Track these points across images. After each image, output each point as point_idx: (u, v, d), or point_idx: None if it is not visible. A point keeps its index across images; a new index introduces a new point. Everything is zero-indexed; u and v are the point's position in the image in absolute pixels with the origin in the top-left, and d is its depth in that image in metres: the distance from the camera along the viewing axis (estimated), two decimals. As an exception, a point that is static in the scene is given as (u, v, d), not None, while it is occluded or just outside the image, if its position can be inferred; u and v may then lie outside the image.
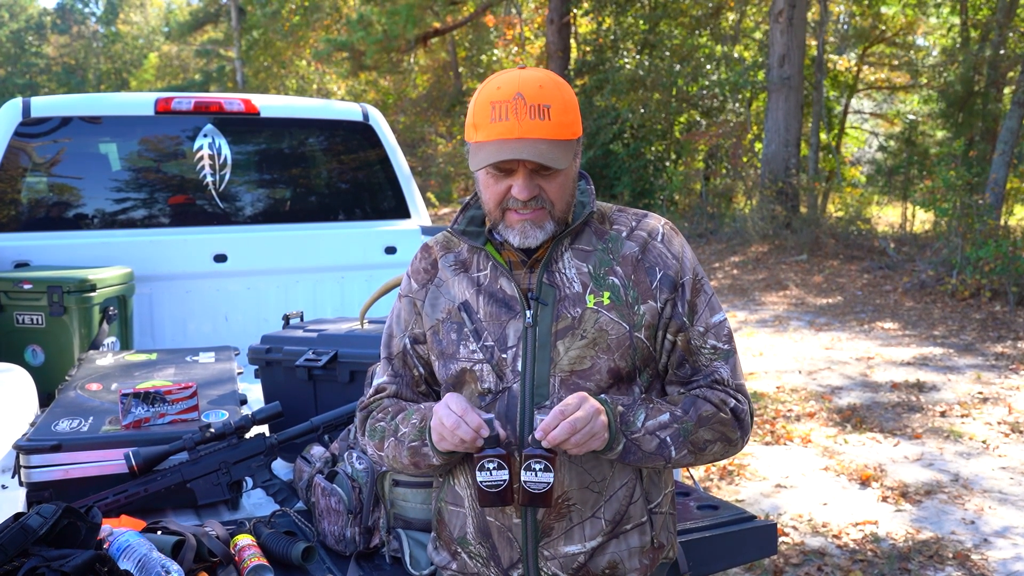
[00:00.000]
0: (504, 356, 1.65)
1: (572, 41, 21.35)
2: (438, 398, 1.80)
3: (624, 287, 1.66)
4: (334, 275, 4.46)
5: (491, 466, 1.54)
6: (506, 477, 1.54)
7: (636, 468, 1.67)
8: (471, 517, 1.70)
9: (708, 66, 19.17)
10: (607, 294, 1.65)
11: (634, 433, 1.59)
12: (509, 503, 1.57)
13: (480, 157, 1.59)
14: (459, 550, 1.74)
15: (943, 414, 6.38)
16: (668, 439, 1.60)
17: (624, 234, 1.72)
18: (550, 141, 1.57)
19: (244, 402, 2.70)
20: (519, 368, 1.64)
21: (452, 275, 1.75)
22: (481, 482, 1.54)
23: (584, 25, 22.09)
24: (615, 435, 1.57)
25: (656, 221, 1.75)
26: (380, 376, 1.84)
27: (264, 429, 2.55)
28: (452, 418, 1.54)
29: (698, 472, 5.19)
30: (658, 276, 1.68)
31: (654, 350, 1.68)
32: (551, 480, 1.52)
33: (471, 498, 1.70)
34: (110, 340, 3.65)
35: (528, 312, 1.65)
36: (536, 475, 1.52)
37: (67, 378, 2.99)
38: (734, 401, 1.68)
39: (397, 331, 1.81)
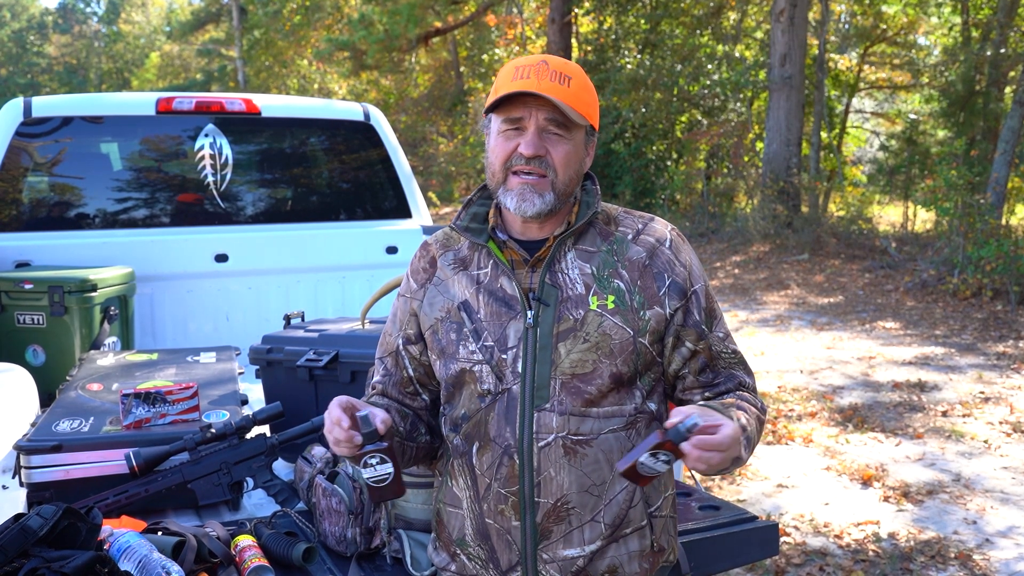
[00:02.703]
0: (504, 357, 1.64)
1: (573, 41, 21.34)
2: (432, 400, 1.80)
3: (629, 292, 1.65)
4: (335, 275, 4.46)
5: (374, 462, 1.53)
6: (390, 470, 1.54)
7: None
8: (469, 519, 1.70)
9: (709, 66, 19.16)
10: (611, 298, 1.64)
11: (745, 449, 1.55)
12: (401, 494, 1.57)
13: (493, 102, 1.62)
14: (458, 551, 1.73)
15: (945, 414, 6.37)
16: (745, 442, 1.58)
17: (630, 236, 1.71)
18: (565, 104, 1.60)
19: (245, 402, 2.69)
20: (519, 369, 1.63)
21: (451, 273, 1.73)
22: (368, 479, 1.54)
23: (585, 25, 22.07)
24: (739, 464, 1.53)
25: (663, 227, 1.74)
26: (375, 376, 1.86)
27: (265, 429, 2.55)
28: (327, 423, 1.54)
29: (699, 472, 5.18)
30: (667, 283, 1.67)
31: (659, 356, 1.68)
32: (663, 471, 1.45)
33: (470, 499, 1.69)
34: (111, 340, 3.65)
35: (529, 312, 1.64)
36: (656, 463, 1.43)
37: (68, 378, 2.99)
38: (760, 403, 1.71)
39: (392, 330, 1.82)
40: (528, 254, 1.69)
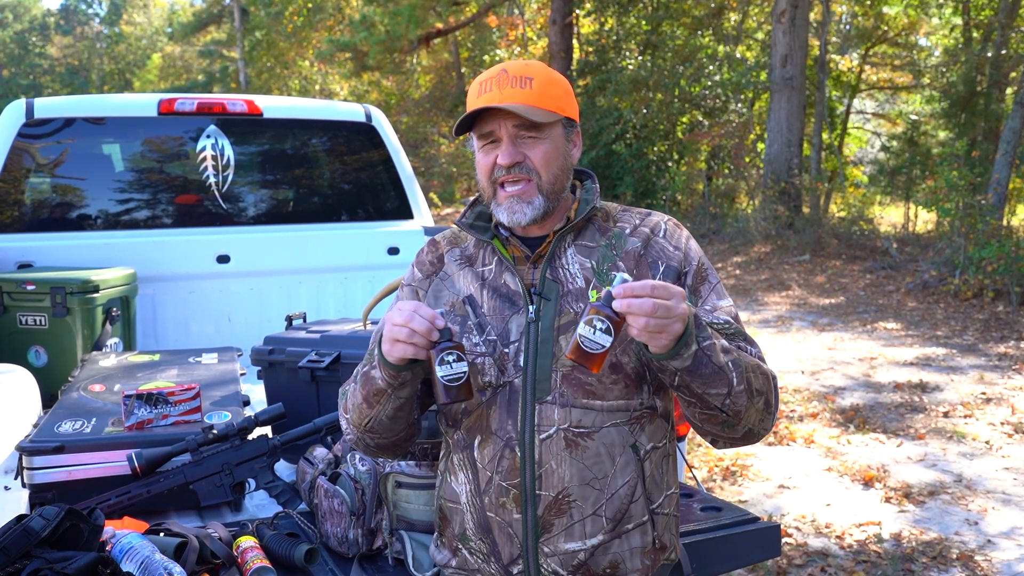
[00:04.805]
0: (506, 351, 1.66)
1: (575, 42, 21.35)
2: (428, 391, 1.79)
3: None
4: (337, 276, 4.46)
5: (450, 359, 1.53)
6: (465, 369, 1.54)
7: (638, 467, 1.66)
8: (470, 513, 1.71)
9: (710, 67, 19.16)
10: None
11: (706, 340, 1.50)
12: (470, 397, 1.57)
13: (462, 123, 1.66)
14: (460, 546, 1.74)
15: (946, 415, 6.37)
16: (731, 364, 1.54)
17: (628, 231, 1.74)
18: (530, 106, 1.63)
19: (247, 403, 2.70)
20: (521, 363, 1.65)
21: (457, 268, 1.77)
22: (443, 377, 1.53)
23: (586, 26, 22.08)
24: (688, 336, 1.47)
25: (660, 217, 1.78)
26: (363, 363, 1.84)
27: (267, 430, 2.55)
28: (405, 314, 1.53)
29: (701, 473, 5.18)
30: (660, 269, 1.69)
31: None
32: (607, 344, 1.44)
33: (469, 493, 1.70)
34: (113, 341, 3.66)
35: (531, 307, 1.67)
36: (594, 333, 1.43)
37: (70, 379, 2.99)
38: (767, 366, 1.67)
39: None
40: (530, 250, 1.73)
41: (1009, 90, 15.96)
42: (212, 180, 4.24)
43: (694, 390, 1.55)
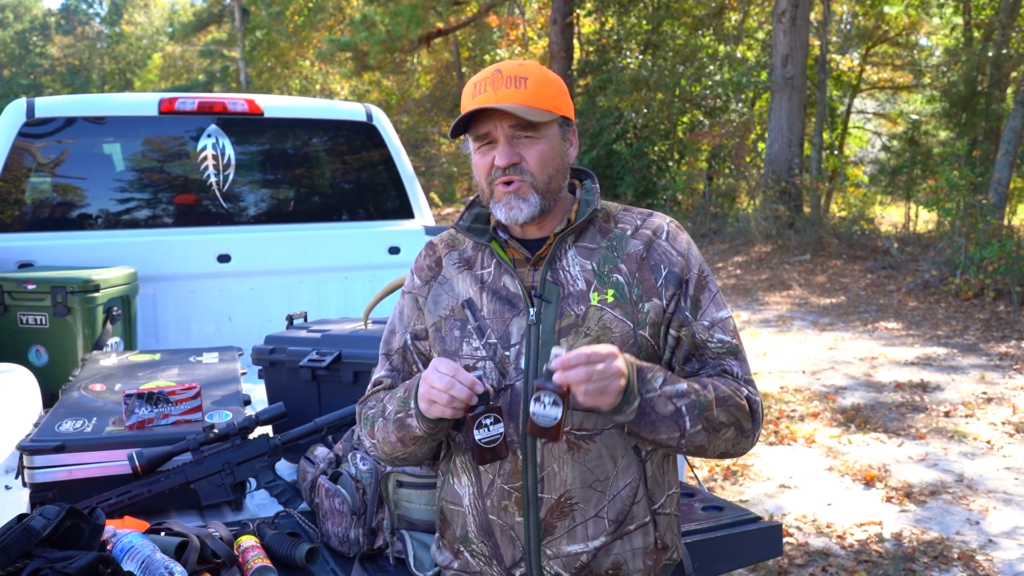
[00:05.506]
0: (507, 354, 1.65)
1: (575, 41, 21.34)
2: None
3: (628, 285, 1.66)
4: (338, 275, 4.46)
5: (488, 422, 1.55)
6: (502, 429, 1.56)
7: (640, 468, 1.66)
8: (472, 516, 1.71)
9: (711, 66, 19.15)
10: (611, 292, 1.65)
11: (650, 392, 1.55)
12: (505, 455, 1.58)
13: (457, 125, 1.66)
14: (462, 549, 1.74)
15: (947, 414, 6.37)
16: (684, 408, 1.57)
17: (629, 232, 1.72)
18: (526, 106, 1.62)
19: (248, 403, 2.69)
20: (522, 366, 1.64)
21: (456, 272, 1.76)
22: (480, 439, 1.54)
23: (587, 25, 22.07)
24: (631, 392, 1.52)
25: (661, 219, 1.76)
26: (378, 372, 1.86)
27: (268, 430, 2.55)
28: (444, 379, 1.53)
29: (702, 473, 5.18)
30: (663, 274, 1.68)
31: (658, 348, 1.68)
32: (559, 415, 1.49)
33: (472, 496, 1.70)
34: (114, 340, 3.65)
35: (531, 310, 1.66)
36: (545, 408, 1.50)
37: (71, 378, 2.99)
38: (747, 391, 1.67)
39: (399, 327, 1.83)
40: (530, 253, 1.72)
41: (1010, 90, 15.96)
42: (213, 179, 4.24)
43: (644, 437, 1.59)
